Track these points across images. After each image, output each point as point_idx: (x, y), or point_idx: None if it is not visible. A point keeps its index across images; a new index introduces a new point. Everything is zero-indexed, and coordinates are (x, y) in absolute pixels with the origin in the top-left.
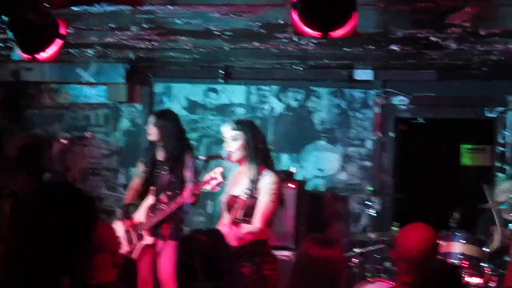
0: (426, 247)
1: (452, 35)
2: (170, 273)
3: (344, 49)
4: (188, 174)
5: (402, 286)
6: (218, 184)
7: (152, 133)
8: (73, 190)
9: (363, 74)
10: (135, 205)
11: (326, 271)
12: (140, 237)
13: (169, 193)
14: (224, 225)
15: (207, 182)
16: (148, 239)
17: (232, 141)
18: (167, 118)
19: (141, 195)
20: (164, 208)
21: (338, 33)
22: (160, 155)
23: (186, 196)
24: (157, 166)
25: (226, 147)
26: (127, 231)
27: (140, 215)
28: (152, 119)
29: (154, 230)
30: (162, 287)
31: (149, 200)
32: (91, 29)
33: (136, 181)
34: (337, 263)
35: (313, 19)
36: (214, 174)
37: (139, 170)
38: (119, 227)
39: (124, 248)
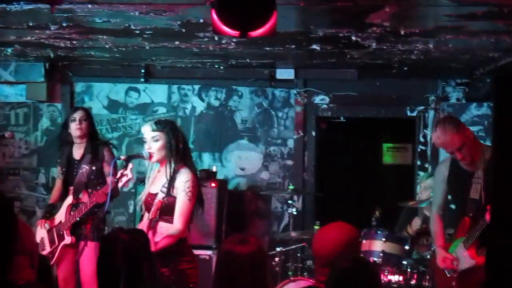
0: (340, 245)
1: (372, 35)
2: (91, 274)
3: (265, 48)
4: (107, 169)
5: (319, 284)
6: (129, 181)
7: (83, 127)
8: None
9: (285, 73)
10: (58, 206)
11: (248, 269)
12: (60, 237)
13: (89, 190)
14: (143, 224)
15: (119, 180)
16: (67, 239)
17: (153, 142)
18: (89, 115)
19: (63, 196)
20: (82, 206)
21: (257, 32)
22: (77, 153)
23: (98, 194)
24: (74, 165)
25: (147, 147)
26: (49, 231)
27: (61, 215)
28: (82, 113)
29: (74, 230)
30: None
31: (69, 199)
32: (9, 27)
33: (58, 182)
34: (259, 259)
35: (232, 18)
36: (124, 171)
37: (58, 170)
38: (41, 228)
39: (46, 249)
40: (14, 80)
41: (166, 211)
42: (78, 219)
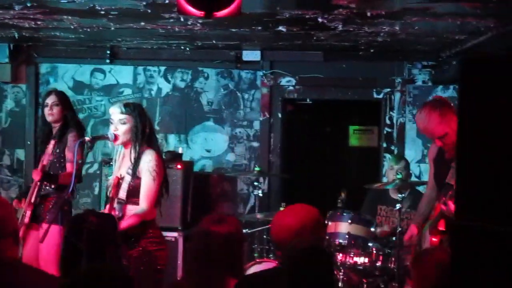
0: (295, 230)
1: (339, 16)
2: (44, 256)
3: (231, 29)
4: (68, 155)
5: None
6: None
7: (55, 113)
8: None
9: (251, 55)
10: None
11: (226, 249)
12: (23, 217)
13: (51, 173)
14: (109, 208)
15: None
16: (26, 219)
17: (120, 124)
18: (67, 98)
19: None
20: (43, 189)
21: (222, 12)
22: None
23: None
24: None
25: (113, 129)
26: (17, 213)
27: (28, 195)
28: (54, 98)
29: (35, 212)
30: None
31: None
32: None
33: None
34: (237, 240)
35: None
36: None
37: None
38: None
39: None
40: None
41: (134, 193)
42: (33, 199)
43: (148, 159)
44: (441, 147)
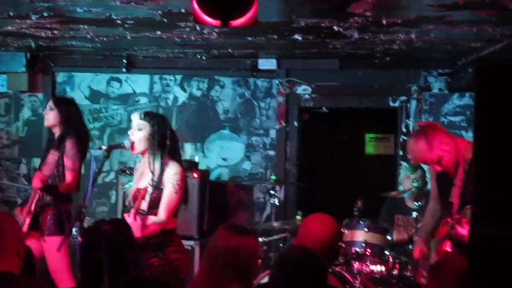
0: (329, 235)
1: (354, 25)
2: (59, 269)
3: (247, 38)
4: (67, 162)
5: None
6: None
7: (50, 118)
8: None
9: (267, 63)
10: None
11: (239, 258)
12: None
13: (49, 181)
14: (128, 215)
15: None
16: (25, 227)
17: (137, 130)
18: (67, 103)
19: None
20: (42, 198)
21: (238, 21)
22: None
23: (33, 180)
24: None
25: (130, 133)
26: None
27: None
28: (50, 103)
29: (35, 220)
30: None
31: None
32: None
33: None
34: (251, 249)
35: (213, 8)
36: None
37: None
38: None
39: None
40: None
41: (156, 205)
42: (33, 207)
43: (173, 172)
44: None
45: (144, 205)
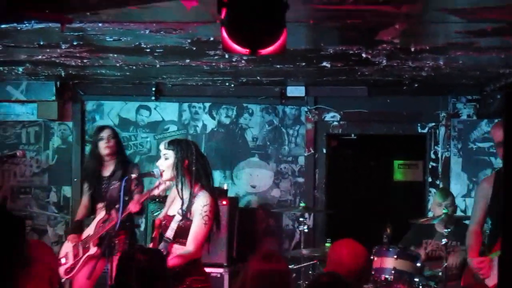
0: (358, 261)
1: (383, 51)
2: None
3: (276, 65)
4: (134, 188)
5: None
6: (166, 189)
7: (112, 145)
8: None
9: (295, 90)
10: (85, 222)
11: (275, 286)
12: (85, 249)
13: (117, 206)
14: (155, 244)
15: (156, 187)
16: (92, 250)
17: (164, 159)
18: (115, 133)
19: (89, 212)
20: (112, 220)
21: (267, 50)
22: (106, 170)
23: (131, 206)
24: (103, 182)
25: (159, 165)
26: (74, 246)
27: (89, 230)
28: (110, 131)
29: (101, 242)
30: None
31: (100, 215)
32: (20, 46)
33: (84, 199)
34: (285, 277)
35: (242, 36)
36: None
37: (84, 188)
38: (67, 243)
39: (69, 262)
40: (25, 98)
41: (182, 234)
42: (106, 231)
43: (203, 203)
44: (498, 181)
45: (169, 233)
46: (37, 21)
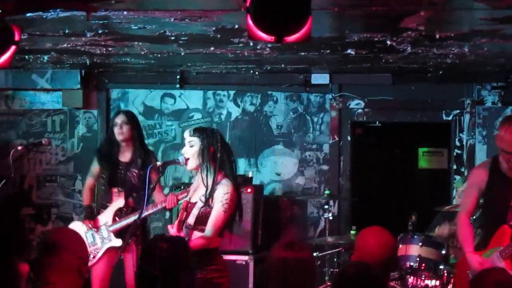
0: (386, 249)
1: (407, 39)
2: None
3: (300, 53)
4: (155, 176)
5: None
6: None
7: (125, 131)
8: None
9: (320, 78)
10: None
11: (299, 274)
12: (106, 239)
13: (135, 195)
14: (171, 227)
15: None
16: (115, 241)
17: (189, 147)
18: (135, 118)
19: (104, 196)
20: (136, 215)
21: (293, 37)
22: (125, 156)
23: (169, 201)
24: (121, 167)
25: (183, 151)
26: (87, 232)
27: (106, 217)
28: (123, 117)
29: (122, 233)
30: None
31: (118, 202)
32: (45, 34)
33: (90, 182)
34: (309, 264)
35: (267, 24)
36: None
37: (94, 171)
38: (80, 228)
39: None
40: (51, 87)
41: (202, 221)
42: (132, 222)
43: (224, 191)
44: (495, 169)
45: (191, 220)
46: (62, 10)
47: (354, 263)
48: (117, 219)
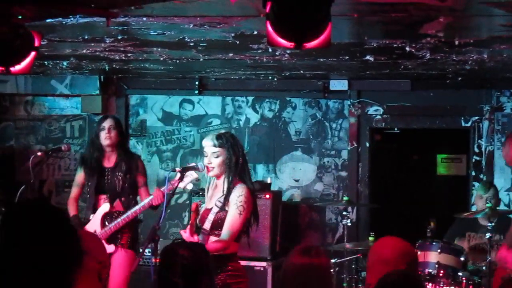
0: (403, 257)
1: (426, 45)
2: (121, 282)
3: (319, 59)
4: (141, 179)
5: None
6: (193, 181)
7: (113, 136)
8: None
9: (338, 84)
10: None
11: (315, 280)
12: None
13: (123, 199)
14: (184, 231)
15: (179, 180)
16: (108, 247)
17: (214, 157)
18: (121, 123)
19: (88, 204)
20: (124, 215)
21: (312, 44)
22: (109, 161)
23: (155, 197)
24: (105, 173)
25: (207, 162)
26: None
27: (94, 224)
28: (111, 122)
29: (111, 238)
30: None
31: (103, 207)
32: (64, 40)
33: (76, 191)
34: (325, 271)
35: (287, 30)
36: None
37: (79, 180)
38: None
39: None
40: (70, 93)
41: (218, 226)
42: (120, 227)
43: (238, 194)
44: None
45: (207, 225)
46: (82, 16)
47: (394, 271)
48: (106, 223)
